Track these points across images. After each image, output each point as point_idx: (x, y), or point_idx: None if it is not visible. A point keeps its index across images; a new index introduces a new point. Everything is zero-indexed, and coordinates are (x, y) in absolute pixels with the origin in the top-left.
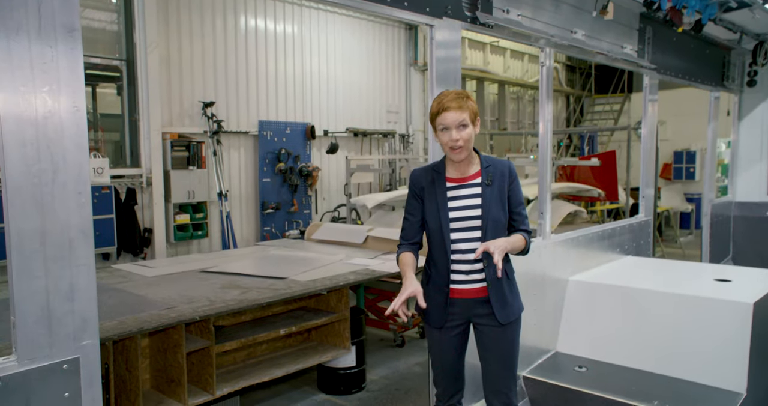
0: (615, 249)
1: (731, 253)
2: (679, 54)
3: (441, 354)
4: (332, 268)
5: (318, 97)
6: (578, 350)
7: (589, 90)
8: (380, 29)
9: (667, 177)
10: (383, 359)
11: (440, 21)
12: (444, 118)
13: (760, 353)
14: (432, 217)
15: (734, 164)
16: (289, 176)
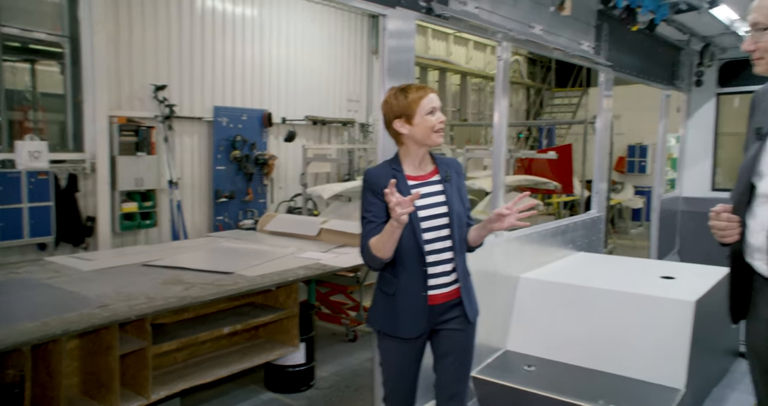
0: (567, 245)
1: (677, 246)
2: (634, 52)
3: (401, 368)
4: (283, 262)
5: (277, 84)
6: (528, 348)
7: (549, 83)
8: (342, 16)
9: (621, 170)
10: (334, 354)
11: (393, 10)
12: (432, 100)
13: (700, 350)
14: None
15: (682, 160)
16: (245, 164)
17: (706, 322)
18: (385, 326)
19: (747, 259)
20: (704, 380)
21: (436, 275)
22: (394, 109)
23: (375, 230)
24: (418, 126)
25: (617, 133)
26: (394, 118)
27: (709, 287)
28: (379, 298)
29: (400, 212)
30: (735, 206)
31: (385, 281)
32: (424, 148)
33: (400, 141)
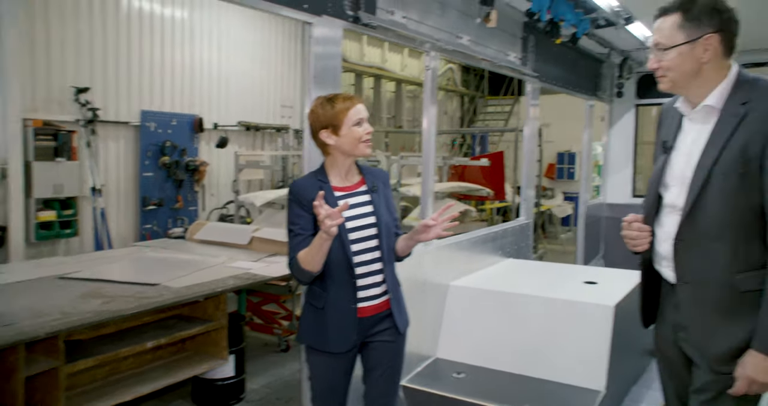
0: (497, 252)
1: (602, 251)
2: (559, 64)
3: (331, 383)
4: (212, 272)
5: (208, 89)
6: (458, 355)
7: (482, 91)
8: (276, 21)
9: (551, 177)
10: (266, 365)
11: (319, 19)
12: (359, 111)
13: (619, 352)
14: None
15: (606, 168)
16: (175, 171)
17: (625, 324)
18: (314, 340)
19: (656, 266)
20: (623, 380)
21: (365, 286)
22: (320, 119)
23: (303, 243)
24: (345, 137)
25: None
26: (321, 128)
27: (628, 291)
28: (308, 312)
29: (330, 224)
30: (645, 215)
31: (314, 294)
32: (350, 158)
33: (326, 151)
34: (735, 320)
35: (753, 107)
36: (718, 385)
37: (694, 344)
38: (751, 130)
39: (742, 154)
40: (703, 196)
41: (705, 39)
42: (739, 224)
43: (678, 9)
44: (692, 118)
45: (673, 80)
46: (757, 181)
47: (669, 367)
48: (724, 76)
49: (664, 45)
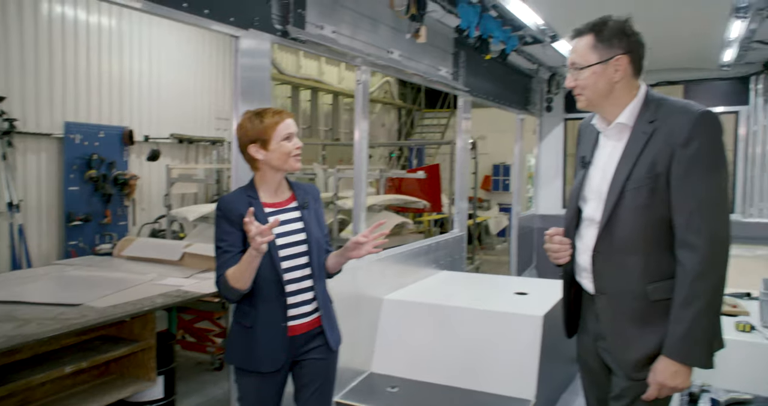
0: (431, 264)
1: (535, 262)
2: (489, 78)
3: (262, 404)
4: (140, 290)
5: (138, 100)
6: (392, 369)
7: (419, 104)
8: (209, 32)
9: (487, 189)
10: (199, 385)
11: (246, 32)
12: (288, 126)
13: (548, 361)
14: None
15: (537, 180)
16: (102, 185)
17: (554, 334)
18: (243, 360)
19: (577, 277)
20: (553, 388)
21: (296, 304)
22: (249, 133)
23: (231, 261)
24: (274, 152)
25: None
26: (249, 142)
27: (557, 301)
28: (236, 331)
29: (260, 241)
30: (566, 228)
31: (242, 312)
32: (280, 173)
33: (255, 167)
34: (648, 328)
35: (659, 125)
36: (633, 391)
37: (611, 352)
38: (658, 147)
39: (651, 170)
40: (618, 211)
41: (615, 59)
42: (650, 236)
43: (590, 31)
44: (607, 135)
45: (588, 99)
46: (665, 195)
47: (590, 375)
48: (634, 95)
49: (579, 64)
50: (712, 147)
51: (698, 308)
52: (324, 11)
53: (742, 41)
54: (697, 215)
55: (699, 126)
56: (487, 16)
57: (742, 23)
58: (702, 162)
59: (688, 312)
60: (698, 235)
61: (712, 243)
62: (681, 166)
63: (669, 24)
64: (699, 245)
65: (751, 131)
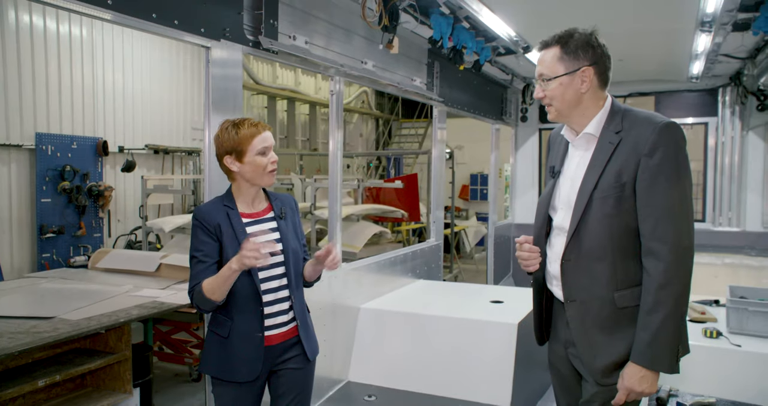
0: (407, 274)
1: (512, 270)
2: (464, 89)
3: None
4: (115, 302)
5: (112, 110)
6: (369, 378)
7: (396, 114)
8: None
9: (465, 198)
10: (176, 396)
11: (218, 43)
12: (265, 139)
13: (523, 368)
14: None
15: (513, 190)
16: (76, 196)
17: (528, 341)
18: (219, 370)
19: (548, 285)
20: (528, 395)
21: (272, 314)
22: (224, 144)
23: (206, 271)
24: (249, 165)
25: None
26: (225, 153)
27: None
28: (212, 341)
29: (250, 256)
30: (535, 237)
31: (218, 322)
32: (255, 186)
33: (231, 177)
34: (616, 335)
35: (625, 135)
36: (602, 396)
37: (581, 358)
38: (624, 157)
39: (618, 180)
40: (586, 219)
41: (582, 71)
42: (617, 244)
43: (557, 43)
44: (575, 145)
45: (558, 110)
46: (631, 204)
47: (562, 381)
48: (601, 106)
49: (547, 76)
50: (675, 157)
51: (663, 315)
52: (296, 22)
53: (708, 54)
54: (662, 224)
55: (663, 136)
56: (459, 27)
57: (707, 37)
58: (666, 171)
59: (654, 319)
60: (663, 243)
61: (675, 251)
62: (646, 175)
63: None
64: (663, 253)
65: (720, 142)
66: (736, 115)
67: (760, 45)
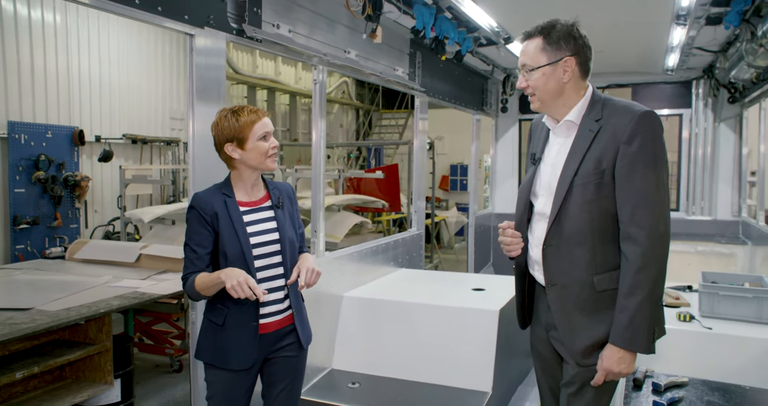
0: (389, 262)
1: (492, 259)
2: (446, 79)
3: (233, 403)
4: (94, 292)
5: (89, 99)
6: (353, 366)
7: (377, 105)
8: (161, 30)
9: (445, 188)
10: (157, 387)
11: (201, 30)
12: (265, 125)
13: (504, 354)
14: (232, 246)
15: (493, 180)
16: (51, 186)
17: (510, 327)
18: (214, 357)
19: (530, 270)
20: (509, 380)
21: (268, 303)
22: (225, 132)
23: (198, 261)
24: (251, 151)
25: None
26: (225, 141)
27: (512, 295)
28: (207, 328)
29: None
30: (517, 222)
31: (214, 310)
32: (257, 172)
33: (231, 165)
34: (595, 317)
35: (605, 124)
36: (582, 377)
37: (562, 341)
38: (603, 145)
39: (597, 166)
40: (566, 205)
41: (564, 61)
42: (596, 229)
43: (539, 33)
44: (556, 132)
45: (541, 99)
46: (610, 190)
47: (543, 364)
48: (582, 95)
49: (530, 66)
50: (653, 144)
51: (640, 298)
52: (280, 10)
53: (683, 47)
54: (639, 210)
55: (641, 125)
56: (442, 17)
57: (682, 30)
58: (644, 158)
59: (631, 301)
60: (640, 229)
61: (652, 237)
62: (624, 162)
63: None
64: (641, 238)
65: (693, 133)
66: (708, 107)
67: (731, 39)
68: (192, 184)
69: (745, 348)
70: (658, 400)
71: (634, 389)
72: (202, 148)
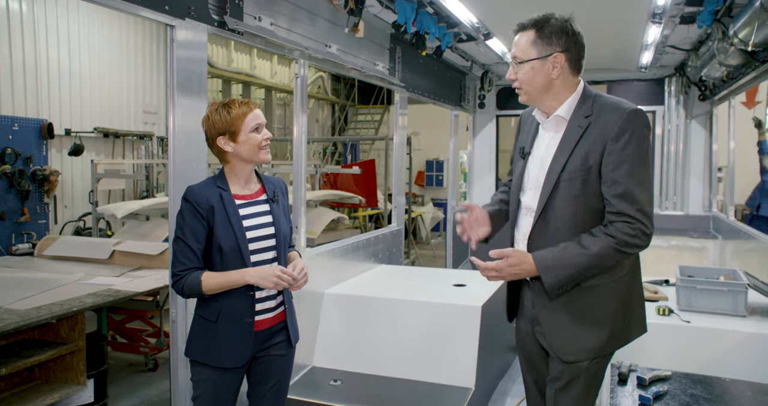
0: (370, 259)
1: (470, 255)
2: (425, 75)
3: (221, 402)
4: (66, 290)
5: (58, 91)
6: (335, 363)
7: (353, 100)
8: (134, 20)
9: (421, 184)
10: (132, 387)
11: (182, 22)
12: (257, 116)
13: (486, 349)
14: (227, 240)
15: (471, 175)
16: (18, 180)
17: (491, 323)
18: (206, 355)
19: None
20: (492, 376)
21: (262, 299)
22: (216, 125)
23: (194, 257)
24: (244, 144)
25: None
26: (217, 135)
27: (494, 291)
28: (199, 325)
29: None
30: (512, 219)
31: (206, 306)
32: (250, 165)
33: (225, 159)
34: (578, 312)
35: (594, 120)
36: (568, 373)
37: (547, 336)
38: (591, 141)
39: (584, 162)
40: (552, 200)
41: (553, 57)
42: (581, 225)
43: (533, 26)
44: (545, 127)
45: (528, 93)
46: (596, 186)
47: (528, 359)
48: (573, 91)
49: (520, 58)
50: (640, 142)
51: (588, 252)
52: (262, 3)
53: (657, 45)
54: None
55: (629, 122)
56: (423, 12)
57: (657, 28)
58: (631, 155)
59: (579, 248)
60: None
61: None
62: (611, 158)
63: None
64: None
65: (666, 130)
66: (680, 104)
67: (703, 38)
68: (172, 179)
69: (722, 340)
70: (643, 394)
71: (620, 383)
72: (182, 143)
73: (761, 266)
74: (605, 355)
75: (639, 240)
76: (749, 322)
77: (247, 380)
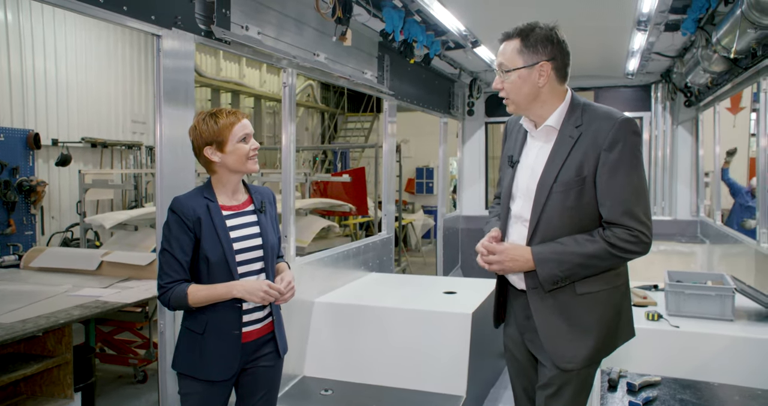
0: (360, 267)
1: (460, 262)
2: (414, 82)
3: None
4: (53, 302)
5: (44, 101)
6: (325, 372)
7: (342, 108)
8: (123, 32)
9: (411, 191)
10: (121, 399)
11: (169, 31)
12: (245, 126)
13: (477, 357)
14: (214, 252)
15: (461, 182)
16: (4, 192)
17: (482, 330)
18: (193, 368)
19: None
20: (482, 383)
21: (249, 310)
22: (203, 135)
23: (180, 269)
24: (231, 154)
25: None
26: (204, 145)
27: (483, 298)
28: (186, 337)
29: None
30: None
31: (193, 318)
32: (237, 175)
33: (212, 169)
34: (574, 320)
35: (585, 129)
36: (561, 379)
37: (540, 344)
38: (584, 151)
39: (578, 173)
40: (545, 212)
41: (540, 65)
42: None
43: (518, 35)
44: (535, 136)
45: (515, 103)
46: (590, 196)
47: (517, 366)
48: (561, 100)
49: (506, 67)
50: (633, 150)
51: (584, 251)
52: (248, 12)
53: (643, 52)
54: (624, 204)
55: (621, 132)
56: (411, 20)
57: (643, 35)
58: (625, 164)
59: (576, 246)
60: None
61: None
62: (606, 169)
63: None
64: (629, 223)
65: (653, 136)
66: (667, 110)
67: (687, 45)
68: (159, 189)
69: (710, 345)
70: (633, 400)
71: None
72: (169, 153)
73: (747, 270)
74: (597, 361)
75: (637, 247)
76: (737, 326)
77: (235, 392)
